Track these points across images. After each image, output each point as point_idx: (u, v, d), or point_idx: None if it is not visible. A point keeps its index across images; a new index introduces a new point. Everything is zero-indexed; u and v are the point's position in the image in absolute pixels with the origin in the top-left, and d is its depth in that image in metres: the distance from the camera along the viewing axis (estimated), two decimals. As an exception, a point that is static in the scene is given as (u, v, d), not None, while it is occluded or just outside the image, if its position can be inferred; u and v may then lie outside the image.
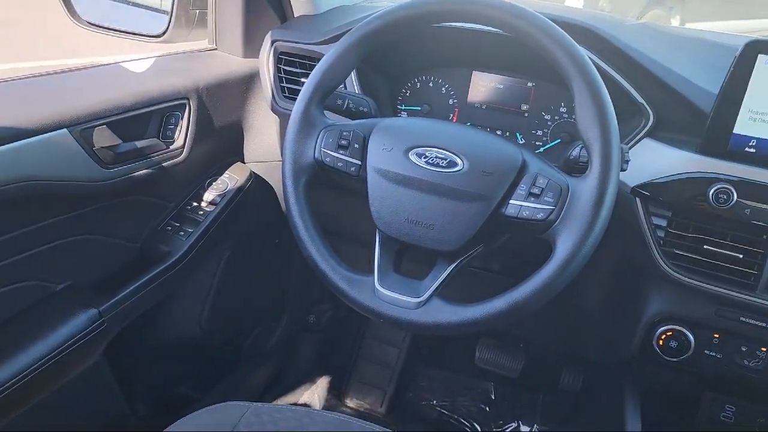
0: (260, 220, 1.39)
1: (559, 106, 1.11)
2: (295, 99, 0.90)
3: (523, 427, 1.62)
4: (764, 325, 0.91)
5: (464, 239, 0.81)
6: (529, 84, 1.12)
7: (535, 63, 0.85)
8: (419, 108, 1.20)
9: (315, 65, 0.90)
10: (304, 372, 1.67)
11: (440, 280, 0.83)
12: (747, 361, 0.94)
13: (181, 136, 1.15)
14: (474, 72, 1.16)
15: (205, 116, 1.19)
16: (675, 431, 1.12)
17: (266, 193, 1.35)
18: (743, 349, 0.94)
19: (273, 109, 1.22)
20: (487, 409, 1.70)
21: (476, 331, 0.80)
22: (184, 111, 1.14)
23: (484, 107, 1.16)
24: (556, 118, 1.12)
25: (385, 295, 0.83)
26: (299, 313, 1.66)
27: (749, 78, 0.85)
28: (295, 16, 1.27)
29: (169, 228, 1.21)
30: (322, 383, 1.67)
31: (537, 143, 1.14)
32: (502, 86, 1.14)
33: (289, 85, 1.19)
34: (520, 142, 1.14)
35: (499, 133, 1.16)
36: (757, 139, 0.87)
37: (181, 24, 1.27)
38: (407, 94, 1.21)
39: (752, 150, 0.88)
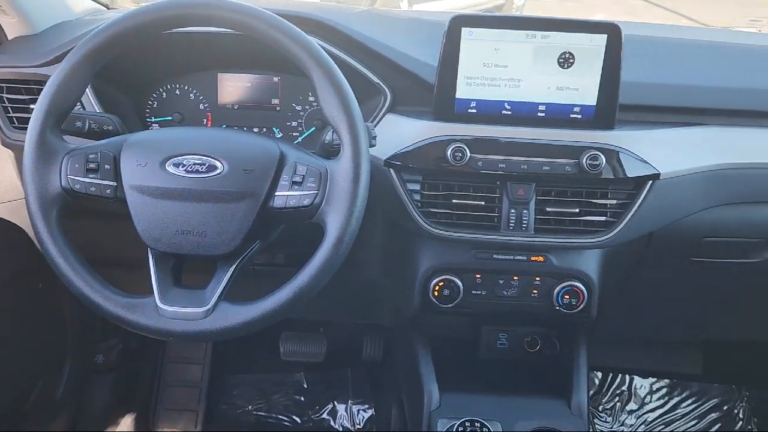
0: (14, 268, 1.25)
1: (307, 95, 1.17)
2: (26, 128, 0.82)
3: (339, 406, 1.69)
4: (512, 257, 1.07)
5: (239, 239, 0.82)
6: (276, 79, 1.16)
7: (277, 58, 0.88)
8: (170, 117, 1.17)
9: (42, 89, 0.83)
10: (103, 416, 1.55)
11: (223, 284, 0.83)
12: (505, 292, 1.09)
13: None
14: (219, 74, 1.16)
15: None
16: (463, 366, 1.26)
17: (15, 235, 1.22)
18: (500, 282, 1.09)
19: (3, 143, 1.10)
20: (302, 399, 1.74)
21: (270, 324, 0.82)
22: None
23: (236, 107, 1.17)
24: (307, 107, 1.17)
25: (170, 311, 0.81)
26: (84, 355, 1.53)
27: (459, 49, 0.97)
28: (10, 38, 1.15)
29: None
30: (127, 422, 1.56)
31: (294, 134, 1.18)
32: (249, 84, 1.16)
33: (17, 115, 1.09)
34: (278, 136, 1.18)
35: (255, 130, 1.18)
36: (476, 100, 1.01)
37: None
38: (155, 106, 1.17)
39: (474, 111, 1.01)
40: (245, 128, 1.17)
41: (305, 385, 1.75)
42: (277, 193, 0.83)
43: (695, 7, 6.48)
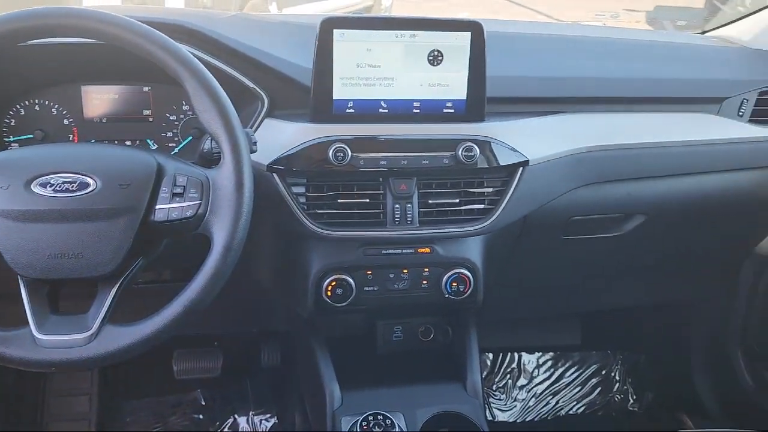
0: None
1: (181, 104, 1.13)
2: None
3: (240, 419, 1.66)
4: (400, 251, 1.10)
5: (119, 258, 0.79)
6: (146, 89, 1.12)
7: (146, 67, 0.85)
8: (31, 135, 1.09)
9: None
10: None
11: (106, 306, 0.79)
12: (397, 285, 1.12)
13: None
14: (83, 86, 1.10)
15: None
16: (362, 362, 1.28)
17: None
18: (391, 276, 1.11)
19: None
20: (201, 417, 1.68)
21: (161, 342, 0.80)
22: None
23: (105, 121, 1.12)
24: (181, 117, 1.14)
25: (49, 341, 0.76)
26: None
27: (332, 50, 0.99)
28: None
29: None
30: (8, 467, 1.44)
31: (170, 145, 1.15)
32: (117, 96, 1.11)
33: None
34: (153, 148, 1.14)
35: (128, 143, 1.13)
36: (353, 100, 1.02)
37: None
38: (12, 124, 1.09)
39: (352, 111, 1.03)
40: (116, 142, 1.12)
41: (203, 402, 1.70)
42: (157, 207, 0.81)
43: (549, 4, 6.94)
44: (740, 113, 1.24)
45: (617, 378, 1.95)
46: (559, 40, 1.33)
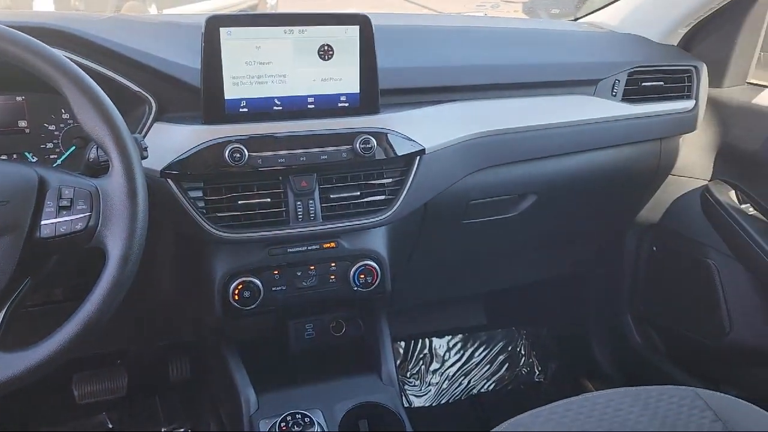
0: None
1: (60, 113, 1.07)
2: None
3: (152, 437, 1.59)
4: (305, 248, 1.09)
5: (4, 280, 0.74)
6: (19, 98, 1.04)
7: (18, 75, 0.80)
8: None
9: None
10: None
11: None
12: (305, 282, 1.12)
13: None
14: None
15: None
16: (277, 363, 1.26)
17: None
18: (298, 274, 1.11)
19: None
20: (110, 440, 1.60)
21: (58, 365, 0.75)
22: None
23: None
24: (62, 126, 1.07)
25: None
26: None
27: (220, 50, 0.96)
28: None
29: None
30: None
31: (51, 156, 1.08)
32: None
33: None
34: (32, 161, 1.06)
35: (4, 158, 1.05)
36: (246, 99, 1.01)
37: None
38: None
39: (245, 110, 1.01)
40: None
41: (110, 425, 1.61)
42: (43, 222, 0.76)
43: (431, -2, 7.13)
44: (614, 93, 1.33)
45: (522, 352, 2.04)
46: (446, 31, 1.37)
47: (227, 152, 0.97)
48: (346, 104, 1.06)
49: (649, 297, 1.69)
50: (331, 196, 1.07)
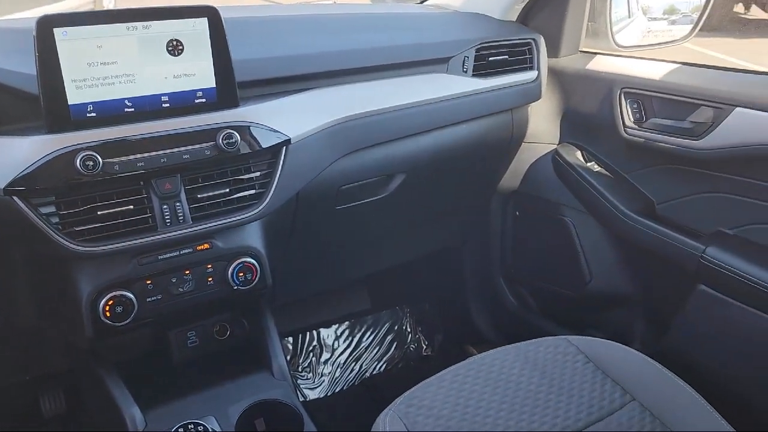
0: None
1: None
2: None
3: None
4: (177, 253, 1.05)
5: None
6: None
7: None
8: None
9: None
10: None
11: None
12: (181, 289, 1.07)
13: None
14: None
15: None
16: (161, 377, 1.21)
17: None
18: (174, 281, 1.06)
19: None
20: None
21: None
22: None
23: None
24: None
25: None
26: None
27: (56, 52, 0.89)
28: None
29: None
30: None
31: None
32: None
33: None
34: None
35: None
36: (93, 103, 0.94)
37: None
38: None
39: (93, 114, 0.95)
40: None
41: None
42: None
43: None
44: (464, 69, 1.39)
45: (408, 330, 2.10)
46: (299, 20, 1.36)
47: (78, 161, 0.91)
48: (204, 100, 1.03)
49: (518, 259, 1.80)
50: (199, 195, 1.03)
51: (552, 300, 1.77)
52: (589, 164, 1.54)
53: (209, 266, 1.09)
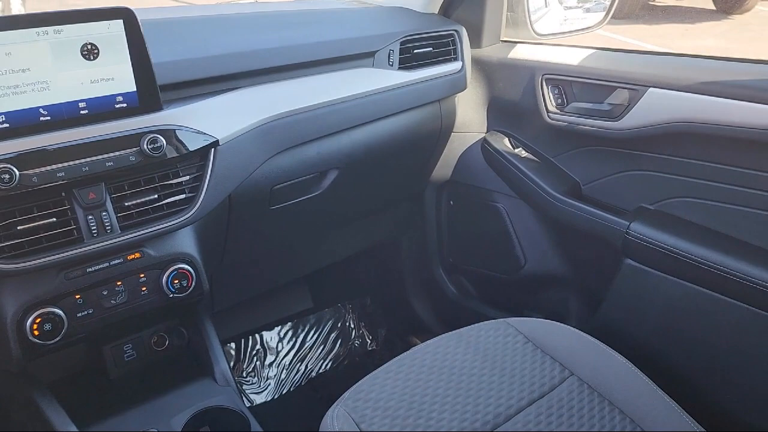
0: None
1: None
2: None
3: None
4: (107, 264, 1.01)
5: None
6: None
7: None
8: None
9: None
10: None
11: None
12: (113, 301, 1.03)
13: None
14: None
15: None
16: (99, 393, 1.16)
17: None
18: (105, 294, 1.02)
19: None
20: None
21: None
22: None
23: None
24: None
25: None
26: None
27: None
28: None
29: None
30: None
31: None
32: None
33: None
34: None
35: None
36: (4, 114, 0.90)
37: None
38: None
39: (6, 125, 0.90)
40: None
41: None
42: None
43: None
44: (390, 63, 1.40)
45: (352, 326, 2.10)
46: (220, 20, 1.34)
47: None
48: (124, 104, 0.99)
49: (455, 248, 1.83)
50: (126, 204, 1.00)
51: (490, 285, 1.81)
52: (516, 150, 1.58)
53: (142, 275, 1.06)
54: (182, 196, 1.05)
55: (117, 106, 0.99)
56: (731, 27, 7.99)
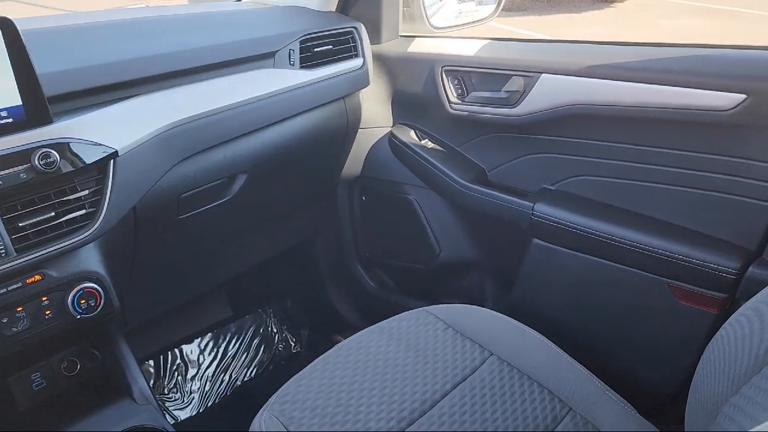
0: None
1: None
2: None
3: None
4: (5, 290, 0.95)
5: None
6: None
7: None
8: None
9: None
10: None
11: None
12: (15, 328, 0.98)
13: None
14: None
15: None
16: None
17: None
18: (4, 321, 0.96)
19: None
20: None
21: None
22: None
23: None
24: None
25: None
26: None
27: None
28: None
29: None
30: None
31: None
32: None
33: None
34: None
35: None
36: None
37: None
38: None
39: (9, 120, 0.87)
40: None
41: None
42: None
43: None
44: (291, 62, 1.40)
45: (274, 330, 2.08)
46: (111, 26, 1.28)
47: None
48: (10, 120, 0.93)
49: (371, 242, 1.85)
50: (20, 224, 0.94)
51: (408, 276, 1.84)
52: (422, 142, 1.61)
53: (44, 299, 1.00)
54: (82, 212, 1.00)
55: (1, 122, 0.93)
56: (614, 16, 8.50)
